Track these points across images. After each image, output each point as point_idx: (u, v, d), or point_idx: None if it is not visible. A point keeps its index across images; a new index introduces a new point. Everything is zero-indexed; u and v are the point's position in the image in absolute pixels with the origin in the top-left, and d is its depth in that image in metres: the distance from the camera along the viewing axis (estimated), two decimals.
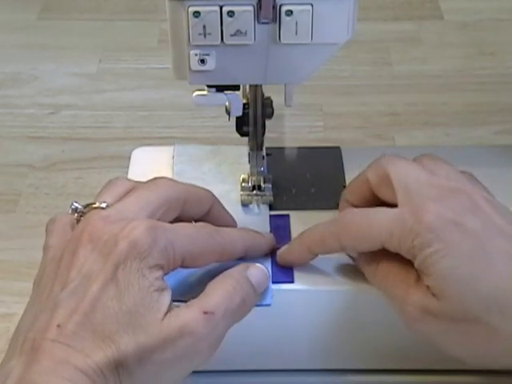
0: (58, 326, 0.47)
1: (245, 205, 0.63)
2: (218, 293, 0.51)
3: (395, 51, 1.02)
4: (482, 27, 1.07)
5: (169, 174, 0.66)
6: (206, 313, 0.49)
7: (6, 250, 0.76)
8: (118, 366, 0.47)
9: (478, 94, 0.95)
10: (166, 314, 0.48)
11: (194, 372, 0.60)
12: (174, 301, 0.50)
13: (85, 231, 0.51)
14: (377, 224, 0.53)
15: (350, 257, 0.58)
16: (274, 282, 0.57)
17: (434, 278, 0.50)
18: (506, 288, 0.49)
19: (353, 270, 0.58)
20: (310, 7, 0.53)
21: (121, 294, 0.48)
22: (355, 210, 0.56)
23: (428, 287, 0.51)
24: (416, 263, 0.51)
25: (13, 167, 0.86)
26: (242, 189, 0.64)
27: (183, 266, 0.52)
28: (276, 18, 0.53)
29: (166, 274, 0.50)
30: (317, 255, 0.57)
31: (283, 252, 0.58)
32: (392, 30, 1.06)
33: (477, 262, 0.49)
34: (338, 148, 0.69)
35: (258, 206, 0.64)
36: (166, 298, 0.49)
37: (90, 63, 1.01)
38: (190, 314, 0.49)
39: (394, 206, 0.53)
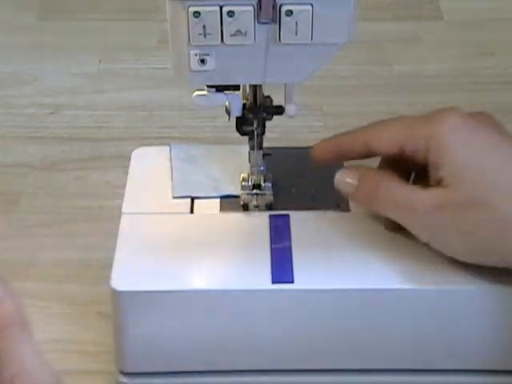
0: None
1: (244, 205, 0.64)
2: None
3: (395, 51, 1.02)
4: (482, 27, 1.07)
5: (168, 174, 0.67)
6: None
7: (6, 250, 0.76)
8: None
9: (477, 94, 0.95)
10: None
11: (192, 372, 0.60)
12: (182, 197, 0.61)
13: None
14: (400, 121, 0.59)
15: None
16: (274, 282, 0.57)
17: (448, 168, 0.55)
18: (510, 173, 0.55)
19: (353, 270, 0.58)
20: (309, 7, 0.53)
21: None
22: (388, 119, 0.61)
23: (439, 181, 0.55)
24: (431, 154, 0.56)
25: (13, 167, 0.86)
26: (242, 188, 0.64)
27: None
28: (276, 17, 0.53)
29: None
30: (345, 158, 0.62)
31: (317, 146, 0.62)
32: (392, 30, 1.06)
33: (486, 154, 0.55)
34: None
35: (258, 206, 0.64)
36: None
37: (90, 63, 1.01)
38: None
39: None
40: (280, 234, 0.61)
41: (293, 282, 0.57)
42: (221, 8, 0.53)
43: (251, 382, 0.61)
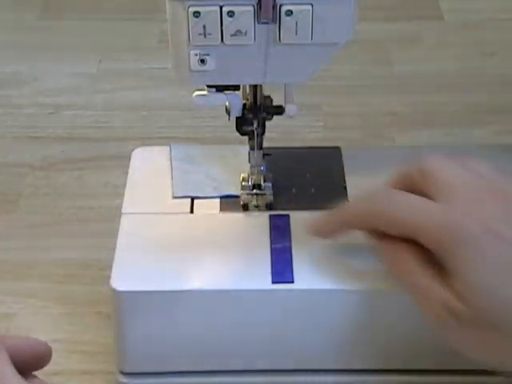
0: None
1: (244, 205, 0.64)
2: None
3: (395, 51, 1.02)
4: (482, 27, 1.07)
5: (168, 174, 0.67)
6: None
7: (5, 250, 0.76)
8: None
9: (477, 94, 0.95)
10: None
11: (192, 372, 0.60)
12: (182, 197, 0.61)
13: None
14: (418, 215, 0.52)
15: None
16: (274, 282, 0.57)
17: (465, 285, 0.49)
18: None
19: (353, 270, 0.58)
20: (309, 7, 0.53)
21: None
22: (397, 192, 0.54)
23: (453, 288, 0.50)
24: (450, 264, 0.50)
25: (13, 167, 0.86)
26: (242, 188, 0.64)
27: None
28: (276, 17, 0.53)
29: None
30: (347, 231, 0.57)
31: (316, 223, 0.58)
32: (392, 30, 1.06)
33: (510, 274, 0.49)
34: (337, 148, 0.69)
35: (258, 206, 0.64)
36: None
37: (90, 63, 1.01)
38: None
39: None
40: (280, 234, 0.61)
41: (293, 282, 0.57)
42: (221, 8, 0.53)
43: (251, 382, 0.61)
